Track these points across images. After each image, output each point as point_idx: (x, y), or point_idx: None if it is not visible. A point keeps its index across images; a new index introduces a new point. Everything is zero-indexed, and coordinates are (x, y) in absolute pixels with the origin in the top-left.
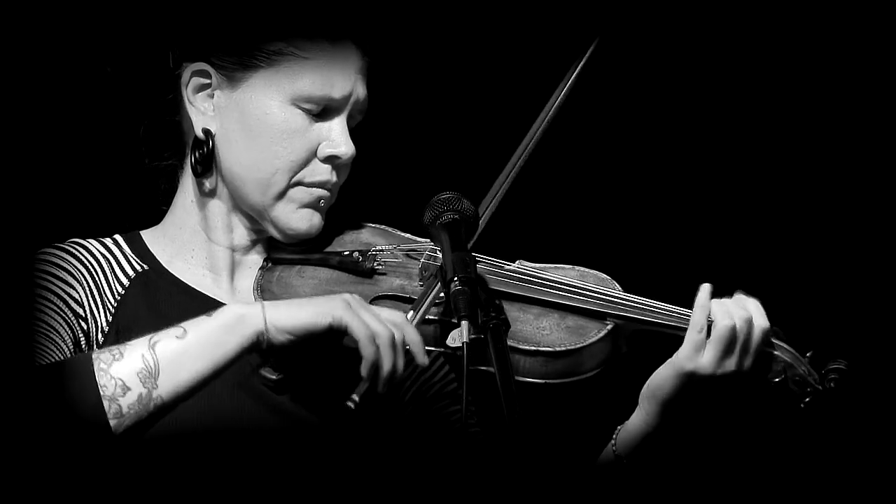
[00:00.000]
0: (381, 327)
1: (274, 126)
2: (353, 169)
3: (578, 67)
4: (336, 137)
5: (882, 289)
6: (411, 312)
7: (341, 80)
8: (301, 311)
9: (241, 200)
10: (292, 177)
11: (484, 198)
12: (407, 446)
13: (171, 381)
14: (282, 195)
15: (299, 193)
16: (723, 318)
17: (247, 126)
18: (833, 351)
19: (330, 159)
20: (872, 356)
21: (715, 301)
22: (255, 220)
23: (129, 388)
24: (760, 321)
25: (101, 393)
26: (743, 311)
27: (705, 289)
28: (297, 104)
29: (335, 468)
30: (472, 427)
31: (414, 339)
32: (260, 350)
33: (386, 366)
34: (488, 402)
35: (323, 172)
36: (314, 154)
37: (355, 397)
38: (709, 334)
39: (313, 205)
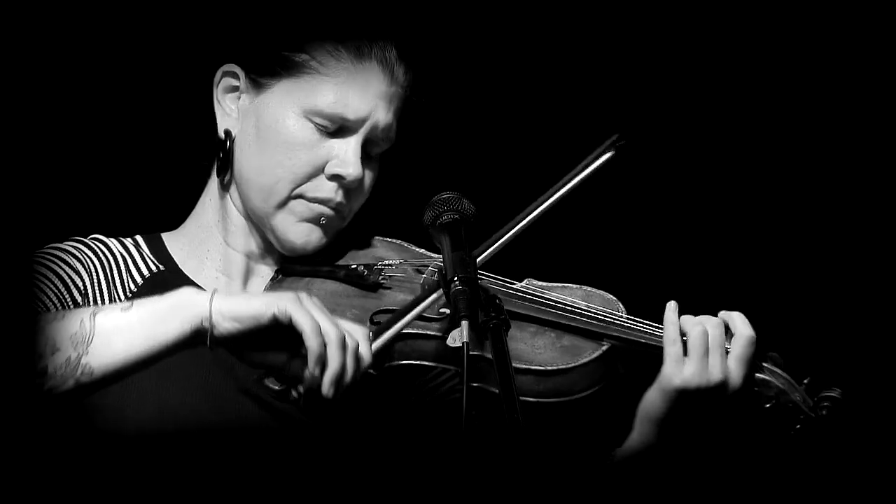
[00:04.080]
0: (331, 326)
1: (283, 135)
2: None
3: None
4: (345, 157)
5: (882, 314)
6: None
7: (358, 101)
8: (248, 302)
9: (246, 205)
10: (294, 188)
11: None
12: (411, 451)
13: (103, 351)
14: (282, 205)
15: (300, 206)
16: (693, 326)
17: (260, 131)
18: (830, 379)
19: (335, 178)
20: (872, 382)
21: (685, 316)
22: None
23: (58, 349)
24: (744, 329)
25: (34, 348)
26: (714, 319)
27: (670, 305)
28: (309, 118)
29: (339, 474)
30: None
31: (364, 351)
32: (203, 338)
33: (333, 363)
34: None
35: (327, 189)
36: (321, 170)
37: (301, 389)
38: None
39: (314, 220)
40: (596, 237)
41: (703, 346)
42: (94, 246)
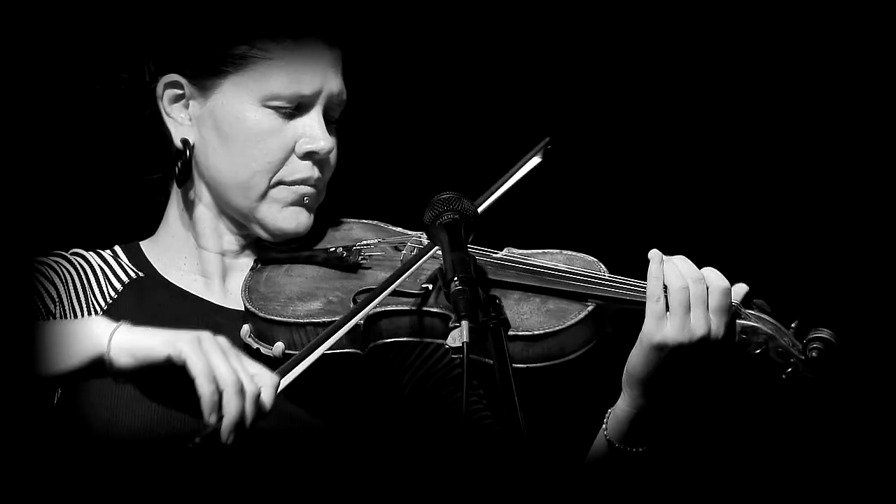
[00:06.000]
0: (228, 371)
1: (247, 129)
2: (354, 167)
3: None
4: (312, 133)
5: (865, 257)
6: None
7: (310, 75)
8: (147, 338)
9: (225, 206)
10: (272, 177)
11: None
12: (410, 438)
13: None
14: (264, 196)
15: (282, 193)
16: (676, 280)
17: (222, 132)
18: (817, 320)
19: (308, 155)
20: (860, 325)
21: (667, 264)
22: (243, 224)
23: None
24: (718, 281)
25: None
26: (695, 272)
27: (655, 258)
28: (267, 105)
29: (334, 466)
30: (484, 419)
31: (266, 397)
32: (104, 369)
33: (229, 411)
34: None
35: (303, 169)
36: (292, 152)
37: (196, 440)
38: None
39: (298, 202)
40: (570, 202)
41: (686, 303)
42: (72, 259)
